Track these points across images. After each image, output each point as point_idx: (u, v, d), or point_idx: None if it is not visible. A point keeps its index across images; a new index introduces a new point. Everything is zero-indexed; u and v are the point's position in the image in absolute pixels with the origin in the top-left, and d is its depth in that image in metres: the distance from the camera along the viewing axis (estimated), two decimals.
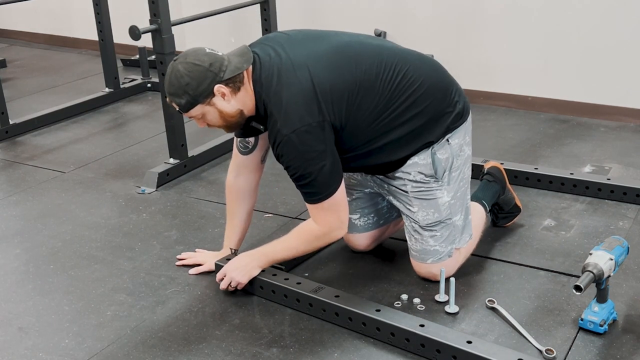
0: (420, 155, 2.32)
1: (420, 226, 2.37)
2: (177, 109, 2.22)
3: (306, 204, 2.27)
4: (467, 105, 2.42)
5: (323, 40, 2.29)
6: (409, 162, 2.33)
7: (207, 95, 2.16)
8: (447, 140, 2.33)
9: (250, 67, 2.20)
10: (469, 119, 2.42)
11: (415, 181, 2.34)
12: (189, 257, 2.64)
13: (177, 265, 2.62)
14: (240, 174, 2.50)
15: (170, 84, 2.17)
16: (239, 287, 2.40)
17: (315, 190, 2.20)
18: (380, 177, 2.43)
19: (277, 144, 2.17)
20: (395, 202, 2.44)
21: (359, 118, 2.22)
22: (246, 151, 2.44)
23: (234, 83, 2.17)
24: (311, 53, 2.22)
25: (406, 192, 2.37)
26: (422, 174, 2.33)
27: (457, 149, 2.36)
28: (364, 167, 2.38)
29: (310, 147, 2.14)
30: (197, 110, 2.19)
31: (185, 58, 2.16)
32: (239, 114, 2.23)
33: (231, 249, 2.54)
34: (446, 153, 2.33)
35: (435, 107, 2.30)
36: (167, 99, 2.23)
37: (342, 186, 2.25)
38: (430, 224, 2.36)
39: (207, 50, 2.18)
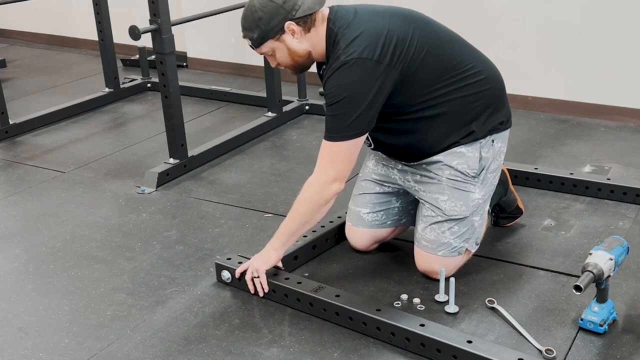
0: (469, 147, 2.35)
1: (443, 216, 2.38)
2: (250, 44, 2.30)
3: (322, 142, 2.27)
4: (511, 117, 2.49)
5: (401, 7, 2.41)
6: (456, 149, 2.35)
7: (277, 31, 2.23)
8: (492, 141, 2.38)
9: (327, 10, 2.28)
10: (509, 130, 2.49)
11: (456, 170, 2.35)
12: None
13: None
14: None
15: (244, 18, 2.27)
16: (260, 277, 2.36)
17: (337, 125, 2.21)
18: (413, 164, 2.43)
19: (331, 68, 2.21)
20: (420, 193, 2.44)
21: (422, 74, 2.26)
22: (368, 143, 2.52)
23: (305, 23, 2.24)
24: (389, 8, 2.35)
25: (440, 179, 2.37)
26: (467, 164, 2.35)
27: (498, 153, 2.42)
28: (413, 138, 2.36)
29: (359, 79, 2.17)
30: (267, 45, 2.28)
31: None
32: (307, 55, 2.30)
33: None
34: (489, 152, 2.38)
35: (492, 96, 2.38)
36: (243, 34, 2.31)
37: (359, 143, 2.26)
38: (454, 215, 2.37)
39: None
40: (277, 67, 2.38)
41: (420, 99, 2.30)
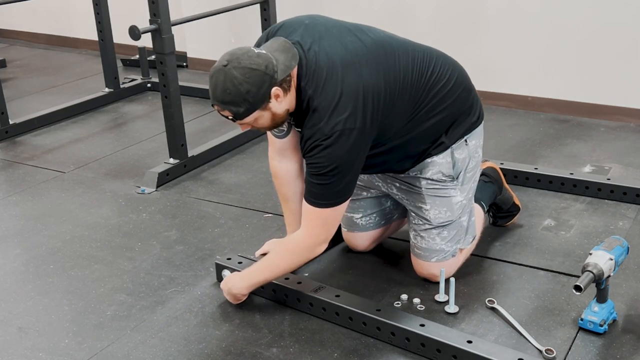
0: (440, 155, 2.32)
1: (430, 225, 2.37)
2: (231, 117, 2.06)
3: (305, 204, 2.19)
4: (482, 108, 2.45)
5: (357, 35, 2.20)
6: (428, 160, 2.33)
7: (264, 100, 2.03)
8: (465, 140, 2.35)
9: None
10: (483, 122, 2.45)
11: (432, 179, 2.34)
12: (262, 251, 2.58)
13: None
14: (283, 156, 2.43)
15: (225, 92, 2.00)
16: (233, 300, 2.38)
17: (326, 193, 2.13)
18: (391, 174, 2.42)
19: (313, 139, 2.07)
20: (404, 201, 2.44)
21: (394, 116, 2.19)
22: (282, 135, 2.36)
23: (286, 83, 2.06)
24: (354, 50, 2.14)
25: (420, 189, 2.36)
26: (441, 172, 2.33)
27: (474, 150, 2.39)
28: (384, 163, 2.32)
29: (345, 153, 2.06)
30: (253, 116, 2.06)
31: (239, 62, 1.99)
32: (285, 113, 2.13)
33: None
34: (464, 153, 2.35)
35: (461, 102, 2.32)
36: (218, 107, 2.06)
37: (346, 204, 2.19)
38: (442, 222, 2.36)
39: (256, 51, 2.04)
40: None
41: (392, 133, 2.24)
